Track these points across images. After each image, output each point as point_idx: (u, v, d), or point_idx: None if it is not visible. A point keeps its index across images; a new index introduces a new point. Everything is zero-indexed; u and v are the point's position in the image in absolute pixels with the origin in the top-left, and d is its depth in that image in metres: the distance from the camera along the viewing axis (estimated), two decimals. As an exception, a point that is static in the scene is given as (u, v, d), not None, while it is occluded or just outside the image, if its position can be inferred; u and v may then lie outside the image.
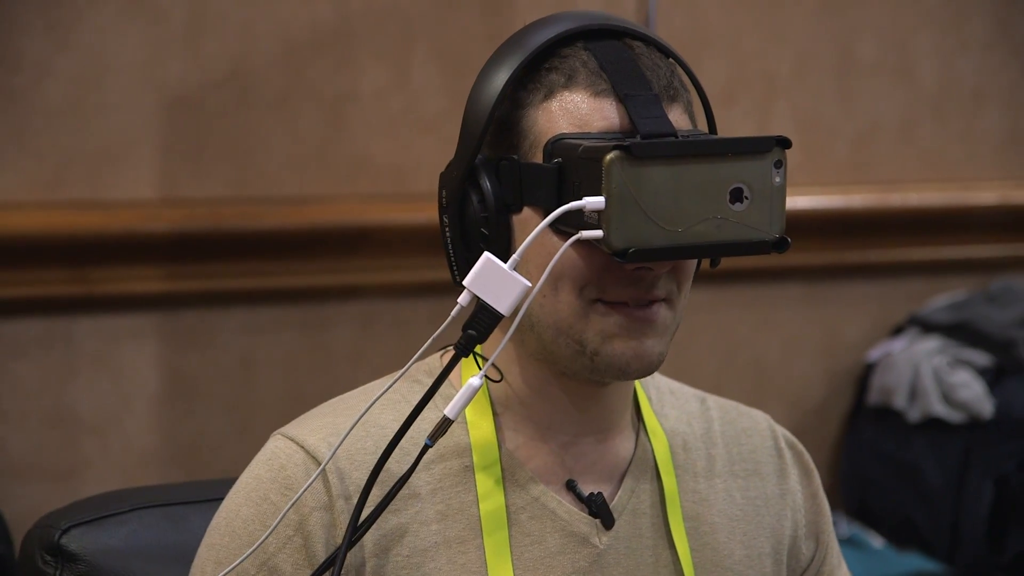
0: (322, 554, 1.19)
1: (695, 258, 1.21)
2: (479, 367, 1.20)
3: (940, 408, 2.79)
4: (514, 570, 1.22)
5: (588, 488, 1.26)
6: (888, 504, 2.85)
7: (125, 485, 1.66)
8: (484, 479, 1.23)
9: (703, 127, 1.26)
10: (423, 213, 2.52)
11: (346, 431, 1.19)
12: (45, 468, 2.41)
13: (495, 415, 1.25)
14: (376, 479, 1.16)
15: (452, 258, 1.22)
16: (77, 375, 2.42)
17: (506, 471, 1.24)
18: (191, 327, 2.48)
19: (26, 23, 2.34)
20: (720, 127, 1.29)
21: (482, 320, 1.14)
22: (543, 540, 1.23)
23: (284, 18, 2.48)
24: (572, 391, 1.24)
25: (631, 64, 1.19)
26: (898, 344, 2.91)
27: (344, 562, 1.15)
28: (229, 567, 1.19)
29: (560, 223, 1.14)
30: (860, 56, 2.93)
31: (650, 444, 1.30)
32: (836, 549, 1.40)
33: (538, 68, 1.20)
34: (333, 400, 1.28)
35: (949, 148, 3.02)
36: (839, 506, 2.91)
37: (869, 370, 2.95)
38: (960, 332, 2.86)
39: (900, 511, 2.83)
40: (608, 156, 1.10)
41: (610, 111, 1.18)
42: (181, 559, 1.30)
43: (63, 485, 2.41)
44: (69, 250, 2.38)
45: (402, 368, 1.19)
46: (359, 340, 2.58)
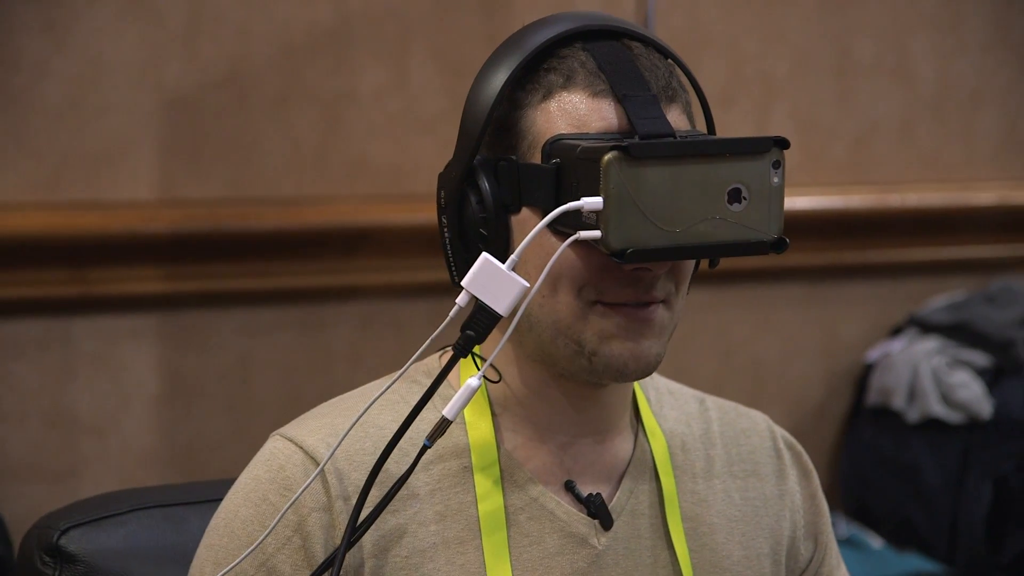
0: (321, 555, 1.19)
1: (693, 258, 1.21)
2: (477, 368, 1.20)
3: (939, 408, 2.79)
4: (513, 571, 1.22)
5: (587, 489, 1.26)
6: (887, 504, 2.85)
7: (124, 486, 1.66)
8: (483, 480, 1.23)
9: (702, 128, 1.26)
10: (422, 214, 2.52)
11: (344, 432, 1.19)
12: (44, 469, 2.41)
13: (494, 416, 1.25)
14: (375, 480, 1.16)
15: (451, 259, 1.22)
16: (76, 376, 2.42)
17: (505, 472, 1.24)
18: (190, 328, 2.48)
19: (24, 24, 2.34)
20: (719, 128, 1.29)
21: (480, 321, 1.14)
22: (542, 541, 1.23)
23: (282, 19, 2.48)
24: (570, 392, 1.24)
25: (629, 65, 1.19)
26: (897, 344, 2.91)
27: (343, 562, 1.15)
28: (228, 567, 1.19)
29: (559, 224, 1.14)
30: (858, 57, 2.93)
31: (649, 445, 1.30)
32: (835, 550, 1.40)
33: (536, 69, 1.20)
34: (332, 401, 1.28)
35: (947, 149, 3.02)
36: (838, 506, 2.91)
37: (868, 370, 2.95)
38: (959, 332, 2.86)
39: (899, 511, 2.83)
40: (606, 156, 1.10)
41: (608, 112, 1.18)
42: (180, 560, 1.29)
43: (62, 486, 2.41)
44: (68, 251, 2.38)
45: (401, 369, 1.19)
46: (358, 341, 2.58)
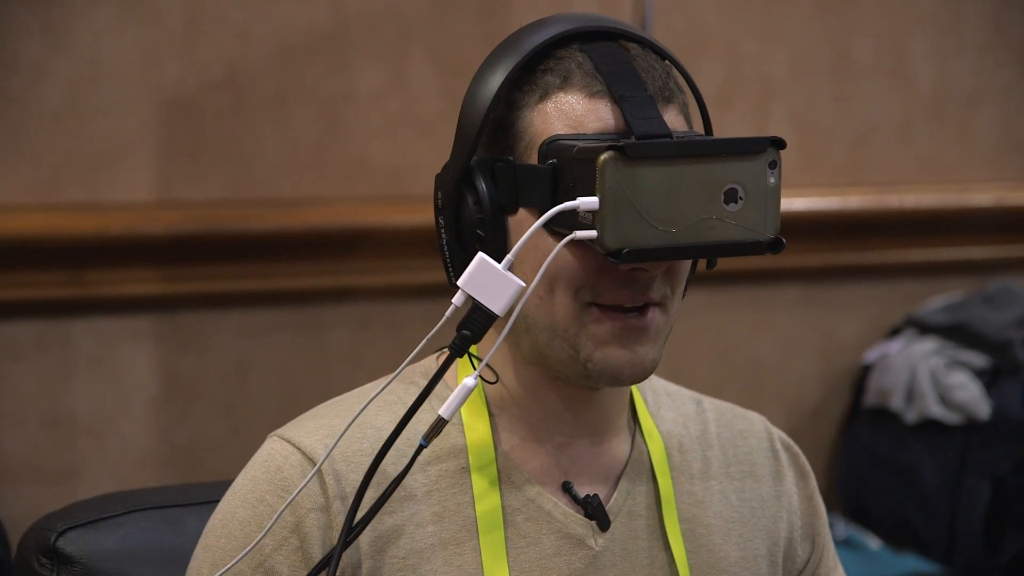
0: (318, 555, 1.19)
1: (690, 258, 1.21)
2: (474, 368, 1.20)
3: (937, 409, 2.79)
4: (510, 571, 1.21)
5: (584, 490, 1.26)
6: (885, 505, 2.85)
7: (122, 487, 1.66)
8: (480, 480, 1.23)
9: (699, 129, 1.26)
10: (420, 215, 2.51)
11: (340, 433, 1.19)
12: (42, 470, 2.41)
13: (491, 417, 1.25)
14: (371, 479, 1.16)
15: (448, 259, 1.22)
16: (74, 377, 2.42)
17: (502, 472, 1.23)
18: (188, 329, 2.48)
19: (23, 25, 2.34)
20: (717, 129, 1.28)
21: (476, 320, 1.14)
22: (539, 542, 1.23)
23: (280, 20, 2.48)
24: (566, 395, 1.24)
25: (626, 65, 1.19)
26: (895, 345, 2.91)
27: (339, 562, 1.15)
28: (225, 568, 1.19)
29: (555, 224, 1.14)
30: (856, 58, 2.93)
31: (646, 446, 1.30)
32: (832, 551, 1.40)
33: (533, 70, 1.20)
34: (330, 401, 1.28)
35: (945, 150, 3.02)
36: (836, 507, 2.91)
37: (866, 371, 2.95)
38: (957, 333, 2.86)
39: (897, 512, 2.83)
40: (602, 156, 1.10)
41: (605, 112, 1.18)
42: (177, 561, 1.29)
43: (60, 487, 2.41)
44: (66, 252, 2.38)
45: (396, 369, 1.19)
46: (356, 342, 2.58)
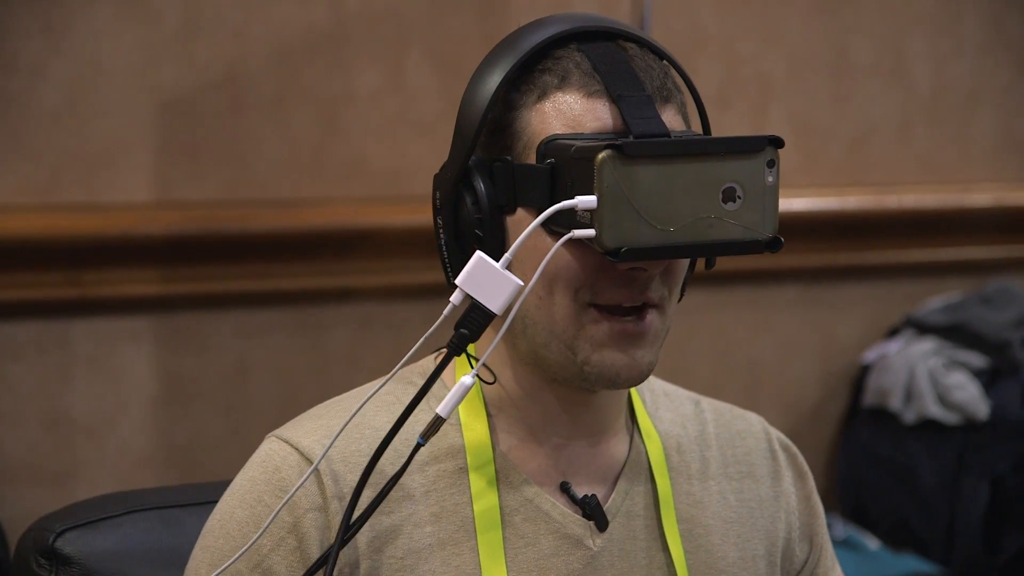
0: (316, 555, 1.19)
1: (688, 257, 1.21)
2: (472, 367, 1.20)
3: (935, 410, 2.79)
4: (508, 572, 1.21)
5: (582, 490, 1.25)
6: (884, 505, 2.85)
7: (120, 488, 1.65)
8: (478, 480, 1.22)
9: (697, 129, 1.26)
10: (419, 215, 2.51)
11: (337, 432, 1.19)
12: (40, 471, 2.41)
13: (489, 417, 1.25)
14: (368, 478, 1.16)
15: (446, 259, 1.22)
16: (73, 378, 2.42)
17: (500, 472, 1.23)
18: (186, 330, 2.48)
19: (21, 26, 2.34)
20: (715, 129, 1.28)
21: (474, 319, 1.14)
22: (537, 542, 1.23)
23: (279, 21, 2.48)
24: (563, 396, 1.24)
25: (624, 65, 1.19)
26: (894, 346, 2.91)
27: (336, 562, 1.15)
28: (222, 567, 1.19)
29: (554, 224, 1.14)
30: (855, 58, 2.93)
31: (644, 446, 1.30)
32: (830, 551, 1.40)
33: (531, 70, 1.20)
34: (328, 402, 1.28)
35: (944, 150, 3.02)
36: (835, 508, 2.91)
37: (865, 372, 2.95)
38: (956, 334, 2.86)
39: (896, 512, 2.83)
40: (600, 155, 1.10)
41: (603, 112, 1.18)
42: (176, 562, 1.29)
43: (58, 488, 2.41)
44: (64, 253, 2.38)
45: (393, 369, 1.19)
46: (355, 343, 2.58)
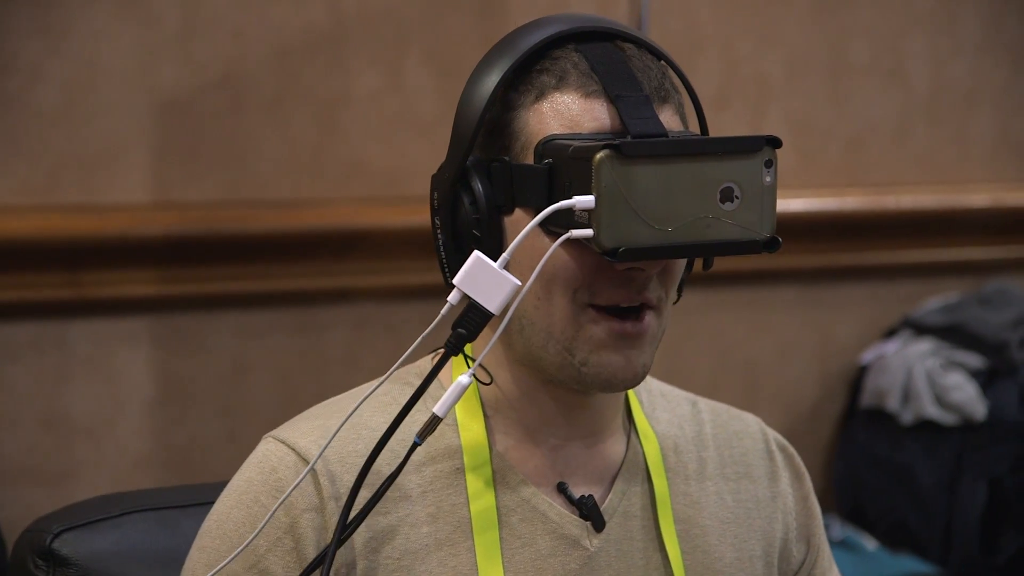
0: (313, 556, 1.19)
1: (686, 257, 1.21)
2: (469, 367, 1.20)
3: (933, 410, 2.79)
4: (505, 572, 1.21)
5: (579, 490, 1.25)
6: (881, 506, 2.85)
7: (118, 489, 1.66)
8: (475, 481, 1.22)
9: (695, 129, 1.26)
10: (417, 216, 2.51)
11: (333, 433, 1.19)
12: (38, 472, 2.41)
13: (486, 417, 1.25)
14: (364, 478, 1.16)
15: (444, 260, 1.22)
16: (70, 379, 2.42)
17: (497, 473, 1.23)
18: (184, 331, 2.48)
19: (20, 27, 2.34)
20: (713, 130, 1.28)
21: (472, 319, 1.14)
22: (534, 542, 1.23)
23: (277, 21, 2.48)
24: (560, 398, 1.24)
25: (622, 66, 1.19)
26: (891, 346, 2.91)
27: (333, 561, 1.15)
28: (218, 567, 1.19)
29: (552, 224, 1.14)
30: (853, 59, 2.93)
31: (641, 447, 1.30)
32: (827, 551, 1.40)
33: (529, 70, 1.20)
34: (324, 403, 1.28)
35: (942, 150, 3.02)
36: (832, 508, 2.91)
37: (862, 372, 2.95)
38: (953, 334, 2.86)
39: (893, 513, 2.83)
40: (598, 155, 1.10)
41: (601, 112, 1.18)
42: (173, 563, 1.29)
43: (56, 489, 2.41)
44: (62, 254, 2.37)
45: (390, 370, 1.19)
46: (352, 344, 2.58)
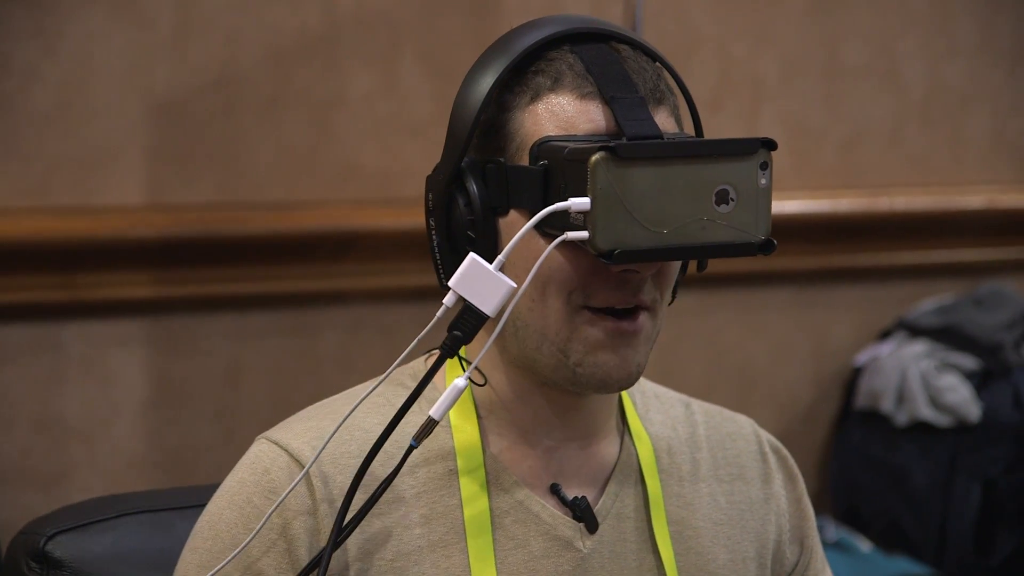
0: (305, 558, 1.18)
1: (681, 259, 1.21)
2: (464, 370, 1.20)
3: (927, 412, 2.79)
4: (498, 574, 1.21)
5: (572, 492, 1.25)
6: (876, 507, 2.85)
7: (112, 491, 1.65)
8: (468, 483, 1.22)
9: (690, 131, 1.26)
10: (411, 218, 2.51)
11: (329, 436, 1.18)
12: (32, 474, 2.41)
13: (479, 419, 1.25)
14: (360, 481, 1.16)
15: (438, 261, 1.22)
16: (65, 381, 2.42)
17: (490, 475, 1.23)
18: (179, 333, 2.48)
19: (14, 29, 2.34)
20: (708, 132, 1.29)
21: (467, 321, 1.14)
22: (527, 544, 1.23)
23: (272, 23, 2.48)
24: (554, 400, 1.24)
25: (617, 67, 1.19)
26: (886, 348, 2.91)
27: (329, 564, 1.14)
28: (212, 571, 1.18)
29: (547, 225, 1.14)
30: (847, 61, 2.93)
31: (635, 448, 1.30)
32: (820, 553, 1.40)
33: (524, 71, 1.20)
34: (318, 404, 1.28)
35: (936, 152, 3.02)
36: (827, 510, 2.91)
37: (857, 374, 2.95)
38: (947, 336, 2.86)
39: (888, 515, 2.83)
40: (593, 157, 1.10)
41: (596, 113, 1.18)
42: (167, 565, 1.29)
43: (50, 491, 2.40)
44: (56, 256, 2.37)
45: (386, 371, 1.19)
46: (347, 345, 2.58)
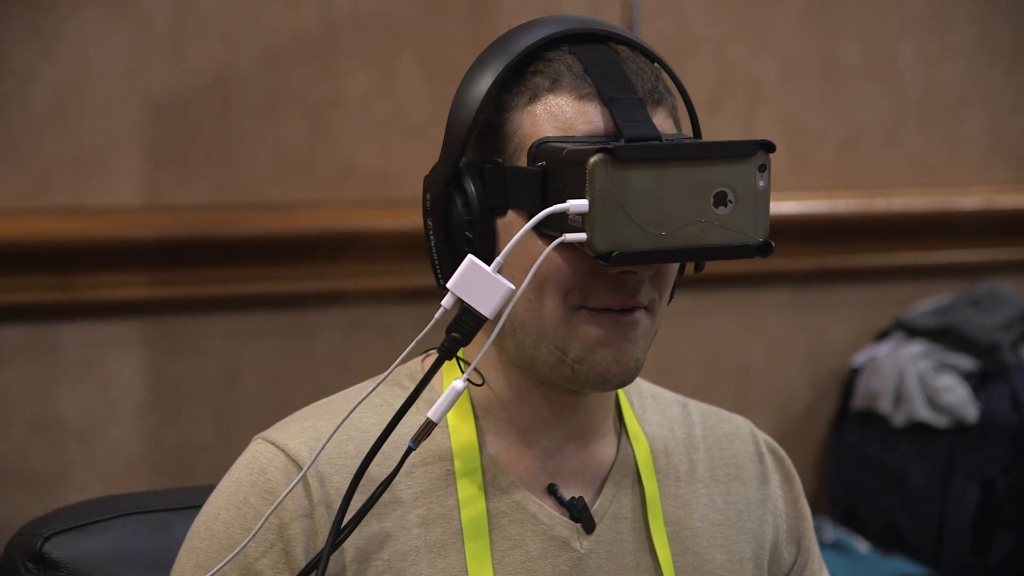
0: (302, 560, 1.18)
1: (679, 261, 1.21)
2: (462, 371, 1.20)
3: (925, 412, 2.79)
4: (495, 574, 1.21)
5: (570, 493, 1.25)
6: (873, 508, 2.85)
7: (109, 492, 1.65)
8: (466, 484, 1.22)
9: (688, 132, 1.26)
10: (408, 219, 2.51)
11: (327, 436, 1.18)
12: (29, 475, 2.41)
13: (476, 420, 1.25)
14: (359, 483, 1.16)
15: (436, 262, 1.22)
16: (62, 382, 2.41)
17: (488, 476, 1.23)
18: (176, 333, 2.48)
19: (11, 30, 2.34)
20: (706, 133, 1.28)
21: (465, 323, 1.14)
22: (524, 544, 1.23)
23: (268, 24, 2.48)
24: (552, 399, 1.24)
25: (616, 68, 1.19)
26: (883, 349, 2.91)
27: (327, 565, 1.14)
28: (209, 572, 1.18)
29: (545, 227, 1.14)
30: (845, 61, 2.93)
31: (632, 449, 1.30)
32: (817, 554, 1.40)
33: (523, 72, 1.20)
34: (315, 404, 1.28)
35: (933, 153, 3.02)
36: (825, 511, 2.91)
37: (854, 375, 2.95)
38: (945, 336, 2.86)
39: (885, 515, 2.83)
40: (592, 159, 1.10)
41: (594, 115, 1.18)
42: (164, 566, 1.29)
43: (47, 492, 2.40)
44: (53, 256, 2.37)
45: (384, 372, 1.19)
46: (344, 346, 2.58)
